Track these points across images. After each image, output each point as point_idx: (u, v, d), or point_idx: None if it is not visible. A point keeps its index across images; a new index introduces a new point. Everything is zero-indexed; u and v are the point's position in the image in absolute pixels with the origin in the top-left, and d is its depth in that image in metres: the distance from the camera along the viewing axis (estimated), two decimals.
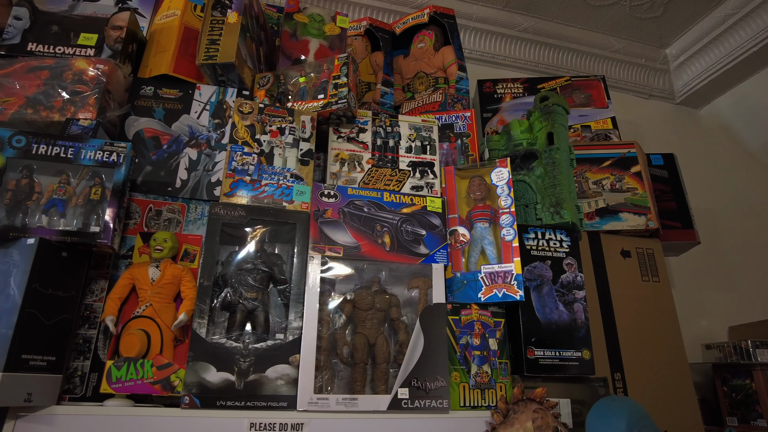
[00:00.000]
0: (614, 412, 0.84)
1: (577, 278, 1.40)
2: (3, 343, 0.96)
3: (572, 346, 1.32)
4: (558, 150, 1.50)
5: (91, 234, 1.09)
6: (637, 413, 0.83)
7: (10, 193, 1.10)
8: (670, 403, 1.48)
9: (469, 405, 1.22)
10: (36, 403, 0.99)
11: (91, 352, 1.14)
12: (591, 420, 0.86)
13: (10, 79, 1.34)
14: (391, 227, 1.33)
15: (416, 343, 1.21)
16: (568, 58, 2.50)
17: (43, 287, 1.03)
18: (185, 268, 1.20)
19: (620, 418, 0.81)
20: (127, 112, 1.37)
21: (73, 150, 1.15)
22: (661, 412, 1.44)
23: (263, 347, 1.13)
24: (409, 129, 1.52)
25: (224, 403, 1.07)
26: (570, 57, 2.50)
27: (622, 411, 0.83)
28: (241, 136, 1.31)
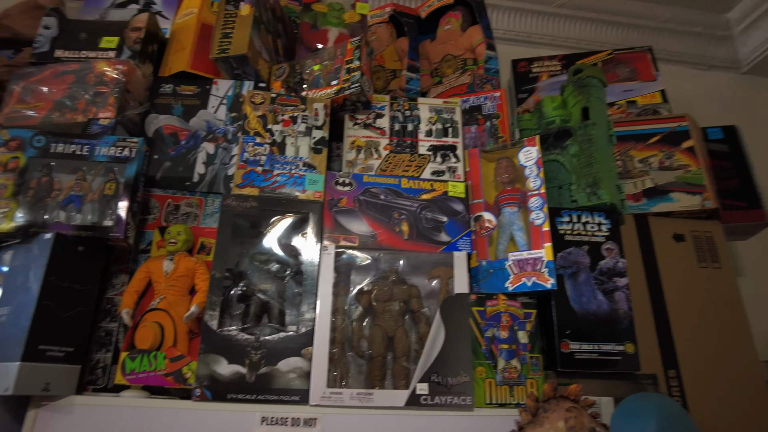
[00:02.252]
0: (643, 411, 0.72)
1: (618, 264, 1.27)
2: (21, 334, 0.99)
3: (613, 338, 1.20)
4: (594, 125, 1.37)
5: (104, 228, 1.11)
6: (670, 413, 0.71)
7: (32, 191, 1.14)
8: (738, 406, 1.31)
9: (496, 402, 1.13)
10: (54, 392, 1.01)
11: (113, 345, 1.16)
12: (616, 419, 0.75)
13: (40, 85, 1.40)
14: (410, 214, 1.27)
15: (436, 336, 1.14)
16: (611, 32, 2.32)
17: (60, 280, 1.05)
18: (199, 260, 1.19)
19: (649, 417, 0.70)
20: (146, 110, 1.40)
21: (89, 147, 1.17)
22: (726, 415, 1.28)
23: (275, 339, 1.10)
24: (430, 112, 1.45)
25: (235, 396, 1.05)
26: (613, 31, 2.32)
27: (652, 409, 0.72)
28: (252, 126, 1.30)
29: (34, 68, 1.42)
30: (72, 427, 1.02)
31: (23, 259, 1.09)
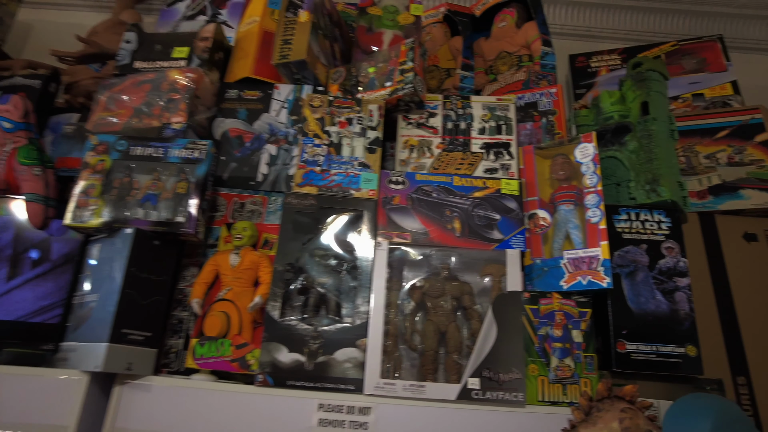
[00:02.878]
0: (698, 411, 0.69)
1: (679, 264, 1.22)
2: (108, 318, 1.10)
3: (673, 340, 1.16)
4: (654, 120, 1.33)
5: (177, 224, 1.20)
6: (728, 414, 0.68)
7: (116, 191, 1.26)
8: None
9: (549, 400, 1.13)
10: (135, 372, 1.12)
11: (184, 332, 1.26)
12: (669, 418, 0.73)
13: (122, 95, 1.53)
14: (462, 212, 1.28)
15: (488, 333, 1.15)
16: (677, 21, 2.20)
17: (139, 271, 1.16)
18: (263, 254, 1.27)
19: (705, 418, 0.67)
20: (214, 114, 1.50)
21: (163, 150, 1.28)
22: None
23: (332, 330, 1.16)
24: (483, 110, 1.46)
25: (295, 383, 1.11)
26: (678, 20, 2.20)
27: (708, 410, 0.69)
28: (311, 128, 1.36)
29: (116, 79, 1.55)
30: (149, 403, 1.12)
31: (108, 252, 1.21)
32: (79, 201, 1.24)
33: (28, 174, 1.29)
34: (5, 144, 1.31)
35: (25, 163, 1.29)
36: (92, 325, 1.14)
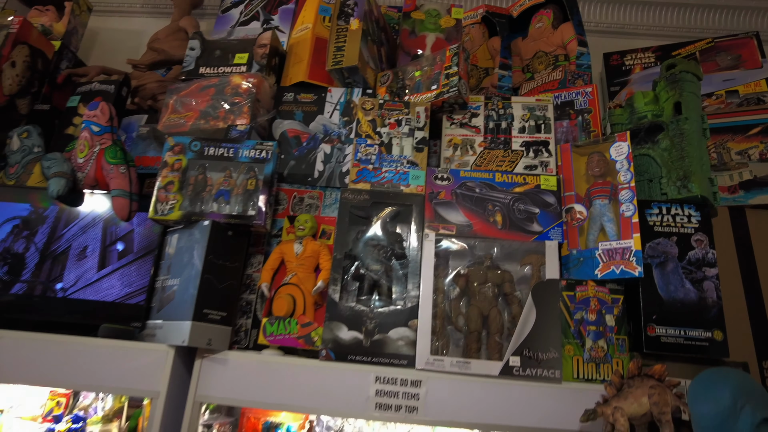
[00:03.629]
0: (719, 382, 0.79)
1: (708, 255, 1.31)
2: (191, 300, 1.26)
3: (700, 325, 1.25)
4: (687, 120, 1.41)
5: (249, 216, 1.35)
6: (746, 386, 0.78)
7: (191, 187, 1.42)
8: None
9: (583, 378, 1.24)
10: (214, 347, 1.28)
11: (252, 313, 1.41)
12: (693, 388, 0.83)
13: (188, 98, 1.69)
14: (503, 206, 1.40)
15: (528, 316, 1.27)
16: (713, 18, 2.23)
17: (216, 258, 1.31)
18: (323, 244, 1.41)
19: (725, 388, 0.77)
20: (273, 116, 1.64)
21: (233, 150, 1.43)
22: None
23: (386, 311, 1.30)
24: (523, 110, 1.56)
25: (354, 357, 1.25)
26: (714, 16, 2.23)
27: (728, 381, 0.79)
28: (364, 130, 1.49)
29: (183, 84, 1.71)
30: (226, 375, 1.28)
31: (187, 242, 1.37)
32: (160, 196, 1.40)
33: (115, 172, 1.45)
34: (94, 146, 1.48)
35: (112, 162, 1.46)
36: (176, 306, 1.30)
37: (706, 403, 0.79)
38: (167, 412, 1.24)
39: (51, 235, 1.49)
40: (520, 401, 1.21)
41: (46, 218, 1.50)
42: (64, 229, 1.50)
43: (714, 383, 0.81)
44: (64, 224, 1.50)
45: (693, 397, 0.82)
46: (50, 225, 1.50)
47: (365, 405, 1.22)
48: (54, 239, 1.49)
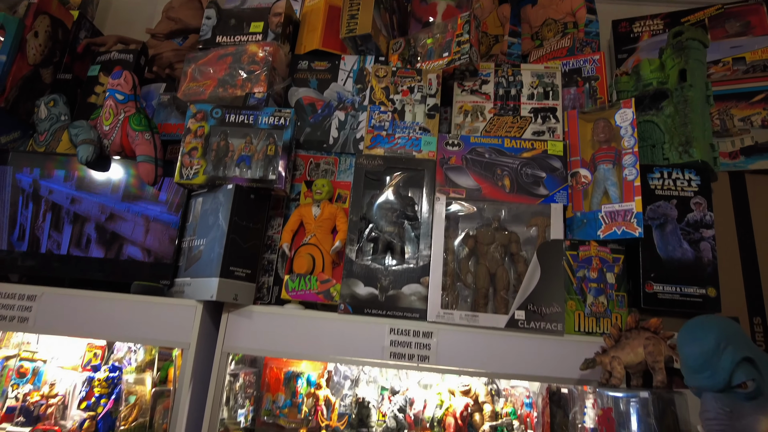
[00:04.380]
0: (705, 326, 0.87)
1: (705, 217, 1.38)
2: (218, 258, 1.35)
3: (696, 283, 1.33)
4: (691, 87, 1.45)
5: (270, 180, 1.43)
6: (729, 329, 0.86)
7: (214, 153, 1.49)
8: None
9: (584, 331, 1.33)
10: (240, 302, 1.37)
11: (273, 271, 1.50)
12: (682, 333, 0.91)
13: (206, 67, 1.74)
14: (511, 171, 1.46)
15: (533, 274, 1.35)
16: None
17: (240, 220, 1.40)
18: (339, 207, 1.49)
19: (710, 332, 0.85)
20: (289, 84, 1.69)
21: (253, 117, 1.49)
22: None
23: (400, 269, 1.38)
24: (532, 77, 1.60)
25: (370, 311, 1.35)
26: None
27: (713, 325, 0.87)
28: (378, 97, 1.54)
29: (201, 52, 1.76)
30: (252, 327, 1.38)
31: (211, 204, 1.45)
32: (184, 161, 1.48)
33: (141, 139, 1.53)
34: (119, 113, 1.55)
35: (137, 129, 1.53)
36: (203, 264, 1.40)
37: (692, 344, 0.88)
38: (197, 362, 1.35)
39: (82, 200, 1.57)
40: (524, 352, 1.31)
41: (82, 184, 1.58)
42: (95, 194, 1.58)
43: (700, 327, 0.89)
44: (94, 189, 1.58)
45: (681, 340, 0.91)
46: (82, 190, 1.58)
47: (381, 354, 1.32)
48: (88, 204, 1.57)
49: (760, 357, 0.86)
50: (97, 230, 1.53)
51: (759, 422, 0.81)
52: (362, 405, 1.43)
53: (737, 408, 0.82)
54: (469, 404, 1.40)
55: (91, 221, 1.54)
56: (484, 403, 1.41)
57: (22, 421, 1.45)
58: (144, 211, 1.54)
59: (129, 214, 1.54)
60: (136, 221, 1.53)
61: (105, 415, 1.43)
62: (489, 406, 1.40)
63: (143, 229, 1.52)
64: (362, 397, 1.43)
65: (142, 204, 1.54)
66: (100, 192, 1.56)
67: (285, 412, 1.45)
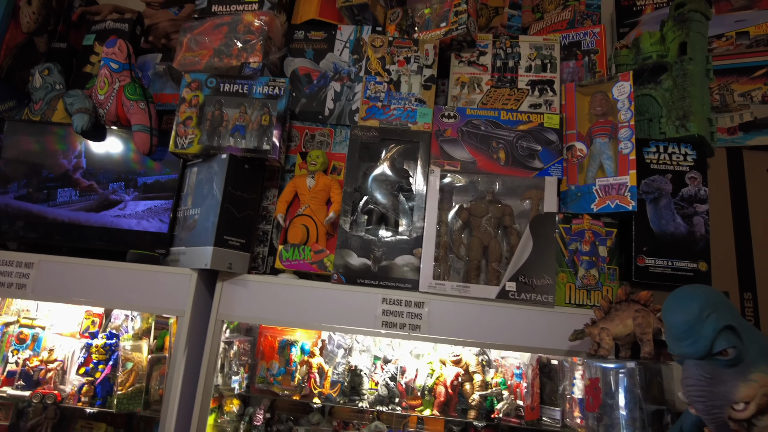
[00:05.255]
0: (689, 295, 0.88)
1: (700, 192, 1.38)
2: (212, 227, 1.36)
3: (687, 257, 1.34)
4: (691, 60, 1.43)
5: (264, 151, 1.43)
6: (713, 299, 0.86)
7: (209, 122, 1.48)
8: None
9: (575, 303, 1.34)
10: (235, 270, 1.39)
11: (268, 241, 1.51)
12: (667, 301, 0.92)
13: (202, 36, 1.72)
14: (507, 143, 1.46)
15: (525, 246, 1.36)
16: None
17: (234, 189, 1.40)
18: (334, 178, 1.49)
19: (694, 300, 0.86)
20: (284, 54, 1.68)
21: (248, 87, 1.48)
22: None
23: (393, 241, 1.39)
24: (530, 49, 1.58)
25: (363, 281, 1.36)
26: None
27: (697, 294, 0.87)
28: (373, 67, 1.53)
29: (196, 22, 1.74)
30: (246, 296, 1.39)
31: (206, 174, 1.45)
32: (179, 130, 1.47)
33: (135, 108, 1.52)
34: (114, 83, 1.54)
35: (132, 99, 1.52)
36: (198, 233, 1.40)
37: (676, 312, 0.88)
38: (192, 329, 1.37)
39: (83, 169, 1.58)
40: (514, 323, 1.32)
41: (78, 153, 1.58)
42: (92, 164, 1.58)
43: (685, 296, 0.90)
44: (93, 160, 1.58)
45: (666, 309, 0.91)
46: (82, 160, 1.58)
47: (373, 323, 1.33)
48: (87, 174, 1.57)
49: (742, 325, 0.86)
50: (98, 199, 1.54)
51: (737, 389, 0.82)
52: (355, 373, 1.45)
53: (717, 375, 0.83)
54: (459, 374, 1.42)
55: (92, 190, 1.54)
56: (474, 373, 1.43)
57: (22, 384, 1.48)
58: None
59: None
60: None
61: (103, 380, 1.46)
62: (479, 376, 1.42)
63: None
64: (355, 366, 1.46)
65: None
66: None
67: (279, 380, 1.47)
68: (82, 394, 1.45)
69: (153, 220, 1.52)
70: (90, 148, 1.58)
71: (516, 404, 1.39)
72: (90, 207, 1.53)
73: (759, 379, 0.83)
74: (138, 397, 1.43)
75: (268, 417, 1.49)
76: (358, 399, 1.44)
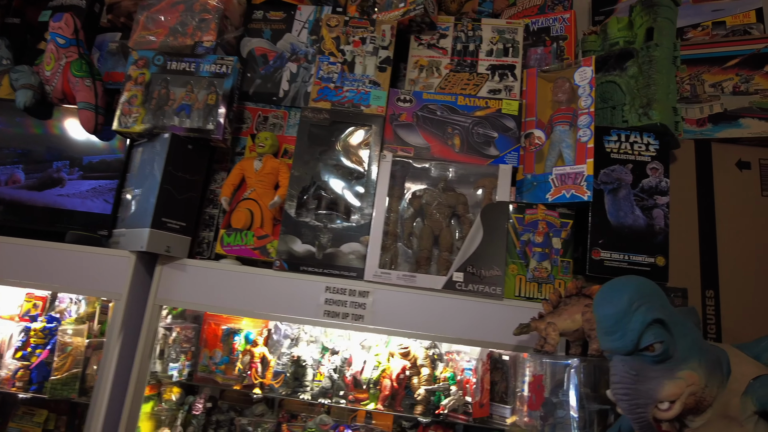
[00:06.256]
0: (620, 287, 0.82)
1: (661, 183, 1.32)
2: (150, 208, 1.30)
3: (645, 251, 1.28)
4: (657, 47, 1.37)
5: (208, 130, 1.37)
6: (645, 290, 0.80)
7: (155, 101, 1.43)
8: None
9: (525, 296, 1.29)
10: (173, 254, 1.34)
11: (215, 226, 1.46)
12: (597, 294, 0.86)
13: (158, 15, 1.66)
14: (463, 129, 1.40)
15: (475, 235, 1.30)
16: None
17: (175, 170, 1.35)
18: (283, 161, 1.44)
19: (624, 291, 0.80)
20: (241, 34, 1.62)
21: (195, 65, 1.43)
22: None
23: (340, 227, 1.34)
24: (492, 32, 1.52)
25: (306, 268, 1.31)
26: None
27: (627, 286, 0.81)
28: (327, 47, 1.47)
29: (154, 0, 1.68)
30: (185, 280, 1.34)
31: (149, 154, 1.40)
32: (124, 109, 1.42)
33: (81, 85, 1.46)
34: (60, 58, 1.48)
35: (77, 75, 1.47)
36: (137, 215, 1.35)
37: (606, 305, 0.83)
38: (128, 313, 1.32)
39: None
40: (462, 315, 1.26)
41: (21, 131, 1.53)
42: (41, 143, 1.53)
43: (615, 288, 0.84)
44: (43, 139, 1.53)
45: (596, 302, 0.86)
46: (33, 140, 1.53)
47: (315, 312, 1.28)
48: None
49: (673, 319, 0.81)
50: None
51: (663, 386, 0.76)
52: (298, 364, 1.40)
53: (644, 371, 0.78)
54: (406, 367, 1.37)
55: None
56: (422, 366, 1.38)
57: None
58: None
59: None
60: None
61: (39, 365, 1.41)
62: (427, 370, 1.37)
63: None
64: (298, 356, 1.40)
65: None
66: None
67: (222, 369, 1.42)
68: (16, 379, 1.40)
69: (97, 200, 1.46)
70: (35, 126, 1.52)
71: (464, 400, 1.34)
72: (33, 186, 1.48)
73: (686, 377, 0.77)
74: (73, 382, 1.38)
75: (209, 407, 1.44)
76: (301, 391, 1.39)
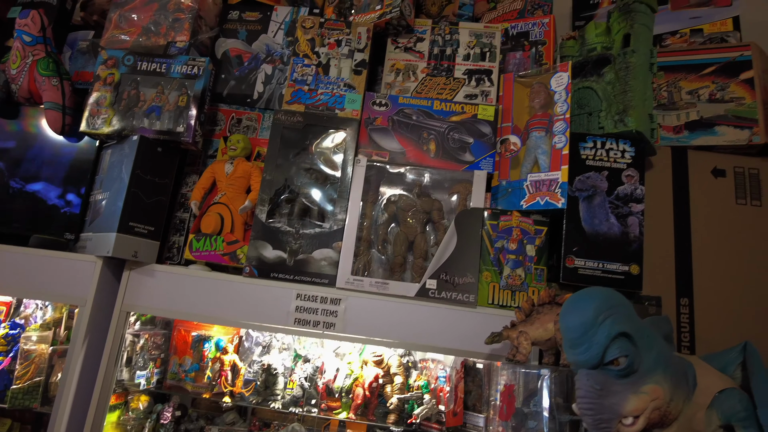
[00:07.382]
0: (586, 298, 0.81)
1: (636, 191, 1.31)
2: (117, 212, 1.27)
3: (619, 259, 1.27)
4: (634, 53, 1.36)
5: (178, 133, 1.34)
6: (612, 301, 0.79)
7: (124, 102, 1.39)
8: None
9: (498, 303, 1.27)
10: (141, 259, 1.30)
11: (185, 230, 1.43)
12: (564, 305, 0.85)
13: (131, 13, 1.63)
14: (438, 134, 1.38)
15: (449, 242, 1.28)
16: None
17: (144, 174, 1.31)
18: (255, 165, 1.41)
19: (590, 302, 0.79)
20: (216, 34, 1.59)
21: (166, 65, 1.39)
22: None
23: (312, 233, 1.31)
24: (470, 36, 1.51)
25: (277, 275, 1.28)
26: None
27: (594, 297, 0.80)
28: (302, 49, 1.45)
29: None
30: (153, 286, 1.31)
31: (118, 156, 1.37)
32: (92, 110, 1.38)
33: (47, 84, 1.43)
34: (27, 57, 1.44)
35: (44, 74, 1.43)
36: (104, 219, 1.32)
37: (572, 316, 0.81)
38: (94, 320, 1.28)
39: None
40: (435, 323, 1.25)
41: None
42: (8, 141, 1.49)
43: (581, 298, 0.83)
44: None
45: (563, 313, 0.84)
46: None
47: (285, 320, 1.26)
48: None
49: (640, 332, 0.79)
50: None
51: (627, 401, 0.75)
52: (269, 372, 1.37)
53: (608, 386, 0.76)
54: (379, 375, 1.34)
55: None
56: (395, 374, 1.36)
57: None
58: None
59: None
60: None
61: (0, 373, 1.37)
62: (400, 378, 1.35)
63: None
64: (269, 364, 1.38)
65: None
66: None
67: (192, 376, 1.39)
68: None
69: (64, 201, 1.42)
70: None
71: (437, 409, 1.32)
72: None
73: (651, 391, 0.76)
74: (35, 391, 1.34)
75: (178, 415, 1.41)
76: (273, 399, 1.36)
